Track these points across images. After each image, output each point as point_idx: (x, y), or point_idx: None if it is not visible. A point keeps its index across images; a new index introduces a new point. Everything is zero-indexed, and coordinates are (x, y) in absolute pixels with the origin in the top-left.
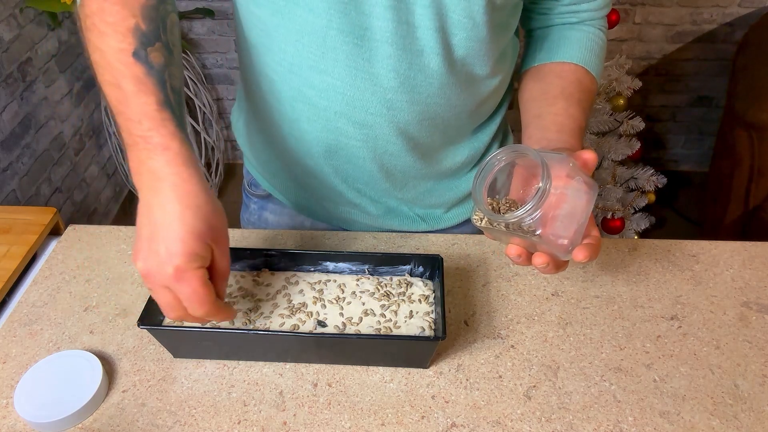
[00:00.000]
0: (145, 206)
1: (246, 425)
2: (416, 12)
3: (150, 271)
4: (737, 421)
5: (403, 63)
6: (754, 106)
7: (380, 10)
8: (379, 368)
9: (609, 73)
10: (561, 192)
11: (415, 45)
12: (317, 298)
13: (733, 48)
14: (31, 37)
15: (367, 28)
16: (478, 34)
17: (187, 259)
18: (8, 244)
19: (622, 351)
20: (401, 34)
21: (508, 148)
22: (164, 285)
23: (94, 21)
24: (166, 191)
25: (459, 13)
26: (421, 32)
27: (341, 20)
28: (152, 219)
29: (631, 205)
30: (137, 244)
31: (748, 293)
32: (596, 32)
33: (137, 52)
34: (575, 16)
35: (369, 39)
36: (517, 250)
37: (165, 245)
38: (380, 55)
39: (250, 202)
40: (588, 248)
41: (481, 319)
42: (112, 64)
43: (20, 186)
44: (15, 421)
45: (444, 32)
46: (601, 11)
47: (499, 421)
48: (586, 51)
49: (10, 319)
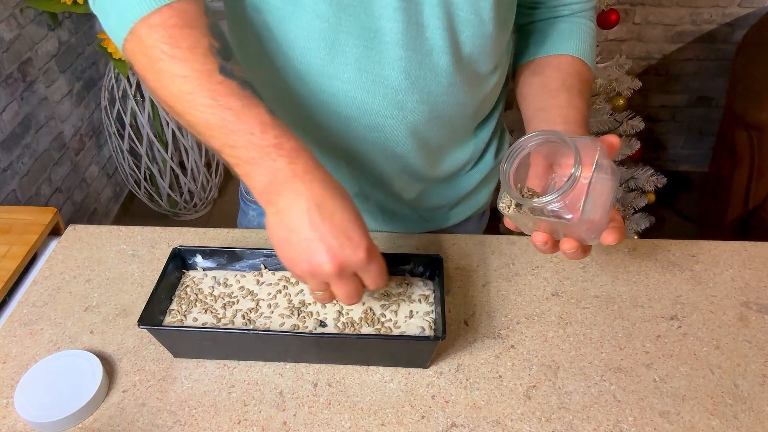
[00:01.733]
0: (291, 212)
1: (246, 425)
2: (425, 12)
3: (343, 262)
4: (737, 421)
5: (413, 63)
6: (754, 106)
7: (390, 12)
8: (379, 368)
9: (609, 73)
10: (591, 176)
11: (424, 45)
12: None
13: (733, 48)
14: (31, 37)
15: (377, 30)
16: (484, 31)
17: (370, 239)
18: (8, 244)
19: (622, 351)
20: (411, 34)
21: (538, 133)
22: (356, 270)
23: (164, 50)
24: (317, 189)
25: (467, 10)
26: (431, 32)
27: (350, 23)
28: (312, 219)
29: (631, 205)
30: (296, 252)
31: (748, 293)
32: (587, 23)
33: (223, 68)
34: (566, 9)
35: (379, 41)
36: (544, 237)
37: (346, 235)
38: (390, 57)
39: (248, 209)
40: (615, 231)
41: (481, 319)
42: (205, 86)
43: (20, 186)
44: (15, 421)
45: (452, 30)
46: (590, 2)
47: (499, 421)
48: (581, 42)
49: (10, 319)
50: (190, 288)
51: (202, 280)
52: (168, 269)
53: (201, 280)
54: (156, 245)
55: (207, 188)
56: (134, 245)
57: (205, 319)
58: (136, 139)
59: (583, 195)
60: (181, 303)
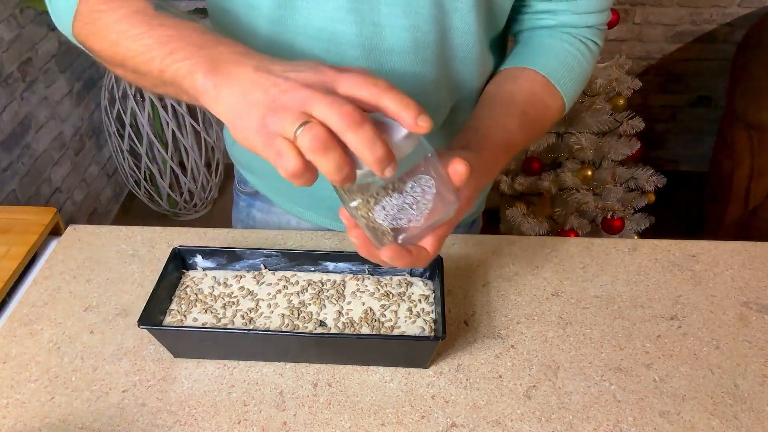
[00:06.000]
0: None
1: (246, 425)
2: (382, 11)
3: (308, 79)
4: (737, 421)
5: (373, 64)
6: (754, 106)
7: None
8: (379, 368)
9: (609, 73)
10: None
11: (382, 45)
12: (317, 297)
13: (733, 48)
14: (31, 37)
15: (332, 32)
16: (452, 32)
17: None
18: (8, 244)
19: (622, 351)
20: (366, 35)
21: None
22: (330, 86)
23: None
24: (263, 57)
25: (429, 6)
26: (389, 31)
27: (305, 26)
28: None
29: (631, 205)
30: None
31: (748, 293)
32: (577, 44)
33: (158, 5)
34: (552, 17)
35: (336, 43)
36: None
37: (290, 64)
38: (349, 58)
39: (239, 200)
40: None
41: (481, 319)
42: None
43: (20, 186)
44: (15, 421)
45: (415, 30)
46: (585, 17)
47: (499, 421)
48: (554, 60)
49: (10, 319)
50: (190, 288)
51: (202, 280)
52: (168, 269)
53: (201, 280)
54: (156, 245)
55: (207, 188)
56: (134, 245)
57: (205, 319)
58: (136, 139)
59: None
60: (181, 303)
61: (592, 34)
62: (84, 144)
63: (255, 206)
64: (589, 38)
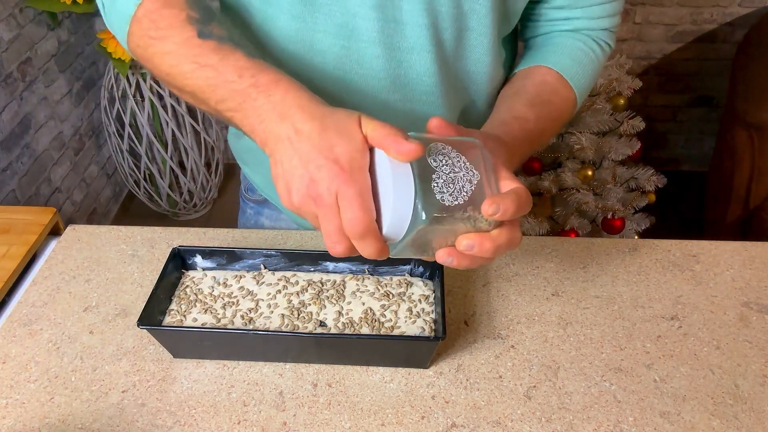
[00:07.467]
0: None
1: (246, 425)
2: (404, 8)
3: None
4: (737, 421)
5: (392, 62)
6: (754, 106)
7: (365, 10)
8: (379, 368)
9: (609, 73)
10: None
11: (403, 43)
12: (317, 298)
13: (733, 48)
14: (31, 37)
15: (353, 28)
16: (470, 30)
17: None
18: (8, 244)
19: (623, 351)
20: (388, 32)
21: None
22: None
23: (150, 35)
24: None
25: (449, 6)
26: (410, 29)
27: (326, 23)
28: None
29: (631, 205)
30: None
31: (749, 293)
32: (590, 42)
33: (201, 32)
34: (568, 24)
35: (356, 40)
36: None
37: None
38: (369, 56)
39: (246, 207)
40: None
41: (481, 319)
42: (186, 54)
43: (20, 186)
44: (14, 421)
45: (435, 28)
46: (599, 21)
47: (499, 421)
48: (566, 57)
49: (10, 319)
50: (190, 288)
51: (201, 280)
52: (168, 269)
53: (201, 280)
54: (156, 245)
55: (207, 188)
56: (134, 245)
57: (204, 319)
58: (136, 139)
59: None
60: (181, 303)
61: (605, 36)
62: (83, 144)
63: (263, 214)
64: (603, 39)
